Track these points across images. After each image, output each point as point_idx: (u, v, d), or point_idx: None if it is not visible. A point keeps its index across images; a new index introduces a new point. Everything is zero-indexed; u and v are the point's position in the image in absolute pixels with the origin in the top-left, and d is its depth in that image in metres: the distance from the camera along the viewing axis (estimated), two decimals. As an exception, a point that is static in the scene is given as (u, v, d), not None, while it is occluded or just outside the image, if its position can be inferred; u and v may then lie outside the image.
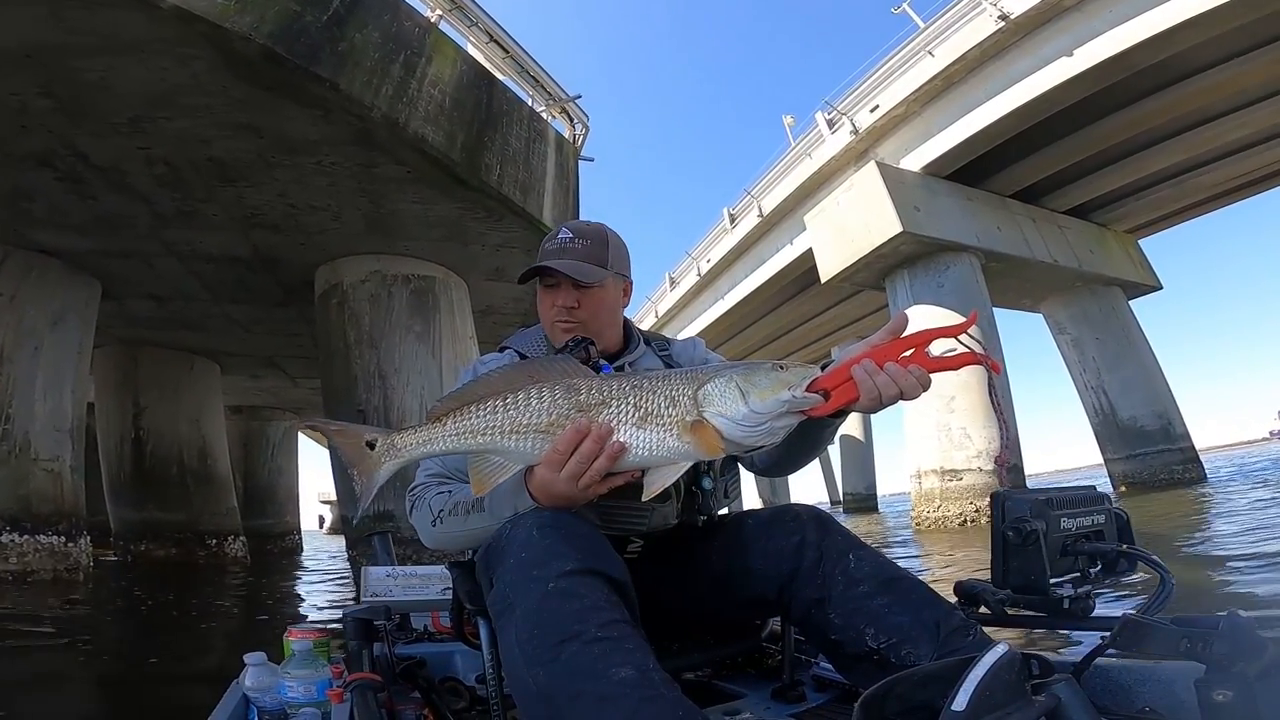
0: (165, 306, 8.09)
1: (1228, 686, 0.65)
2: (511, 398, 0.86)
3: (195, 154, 5.16)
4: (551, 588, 0.78)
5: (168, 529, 9.17)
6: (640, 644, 0.76)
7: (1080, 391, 14.30)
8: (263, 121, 4.85)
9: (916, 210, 11.00)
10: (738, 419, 0.79)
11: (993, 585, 0.91)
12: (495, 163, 5.96)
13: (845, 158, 12.67)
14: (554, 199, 6.81)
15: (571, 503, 0.88)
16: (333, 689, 1.11)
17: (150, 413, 9.27)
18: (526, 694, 0.76)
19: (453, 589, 1.09)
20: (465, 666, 1.43)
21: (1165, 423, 13.22)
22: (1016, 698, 0.64)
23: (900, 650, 0.87)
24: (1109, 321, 14.06)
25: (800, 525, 1.03)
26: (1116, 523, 0.93)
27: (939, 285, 11.24)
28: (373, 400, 6.34)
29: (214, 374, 10.33)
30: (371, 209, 6.02)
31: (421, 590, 1.55)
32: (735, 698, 1.14)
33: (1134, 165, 12.59)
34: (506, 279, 7.58)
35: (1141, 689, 0.84)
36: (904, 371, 0.81)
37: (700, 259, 18.09)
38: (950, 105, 10.96)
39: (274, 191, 5.69)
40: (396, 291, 6.65)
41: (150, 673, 3.18)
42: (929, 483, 10.97)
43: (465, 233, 6.49)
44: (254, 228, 6.25)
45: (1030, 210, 13.18)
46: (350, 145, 5.16)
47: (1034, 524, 0.84)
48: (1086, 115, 10.60)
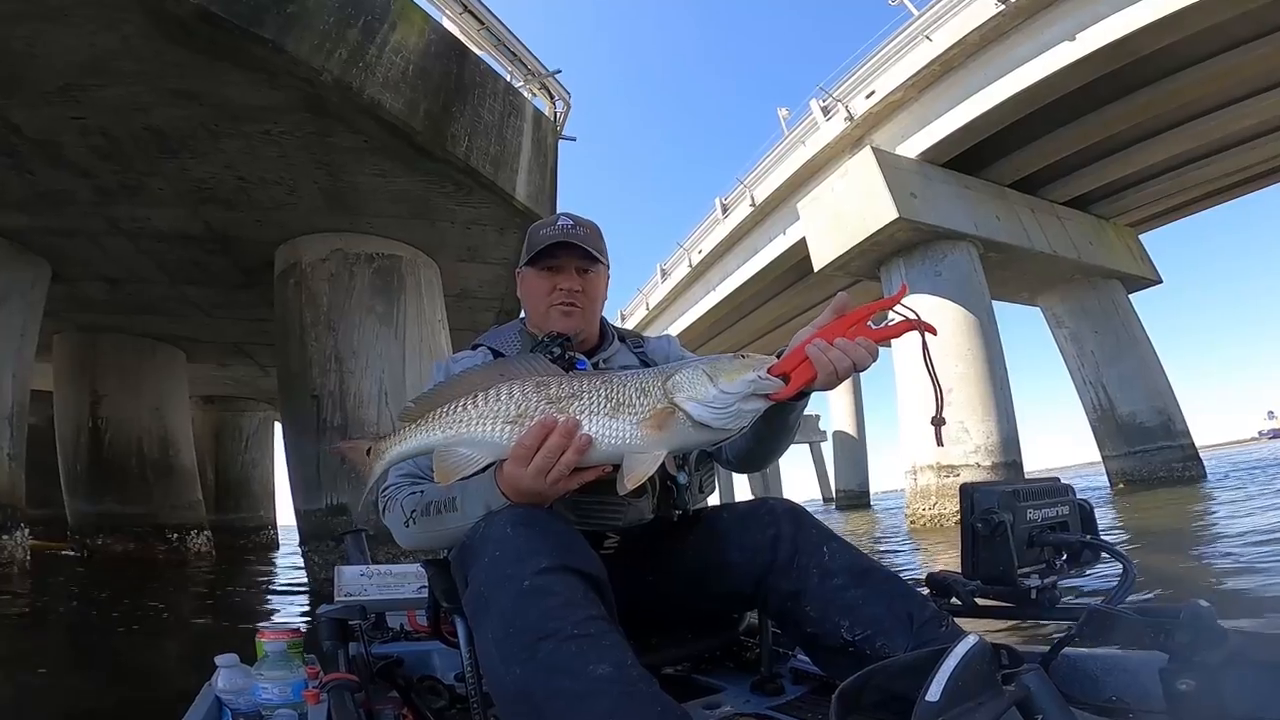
0: (120, 289, 7.66)
1: (1190, 675, 0.66)
2: (481, 394, 0.87)
3: (132, 124, 4.82)
4: (526, 585, 0.78)
5: (126, 523, 8.71)
6: (617, 640, 0.76)
7: (1078, 387, 13.99)
8: (202, 87, 4.52)
9: (913, 197, 10.67)
10: (707, 400, 0.80)
11: (963, 576, 0.92)
12: (463, 134, 5.62)
13: (840, 145, 12.38)
14: (530, 175, 6.47)
15: (541, 498, 0.87)
16: (309, 690, 1.09)
17: (109, 401, 8.82)
18: (504, 693, 0.76)
19: (429, 587, 1.08)
20: (443, 665, 1.42)
21: (1165, 419, 12.92)
22: (988, 688, 0.65)
23: (875, 642, 0.88)
24: (1108, 315, 13.76)
25: (775, 519, 1.03)
26: (1080, 514, 0.94)
27: (936, 274, 10.91)
28: (328, 385, 5.94)
29: (178, 362, 9.87)
30: (329, 182, 5.66)
31: (397, 589, 1.53)
32: (714, 691, 1.14)
33: (1135, 156, 12.30)
34: (481, 260, 7.23)
35: (1108, 678, 0.85)
36: (853, 344, 0.84)
37: (692, 250, 17.77)
38: (948, 91, 10.71)
39: (221, 163, 5.34)
40: (359, 271, 6.26)
41: (39, 685, 2.79)
42: (925, 479, 10.66)
43: (432, 209, 6.13)
44: (204, 203, 5.88)
45: (1029, 200, 12.90)
46: (301, 112, 4.82)
47: (1002, 516, 0.85)
48: (1088, 103, 10.41)
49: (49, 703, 2.54)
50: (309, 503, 5.87)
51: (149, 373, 9.27)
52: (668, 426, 0.81)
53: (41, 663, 3.20)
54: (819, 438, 45.68)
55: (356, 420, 5.87)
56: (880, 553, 7.75)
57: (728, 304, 17.07)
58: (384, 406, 5.93)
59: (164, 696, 2.31)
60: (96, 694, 2.67)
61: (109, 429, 8.79)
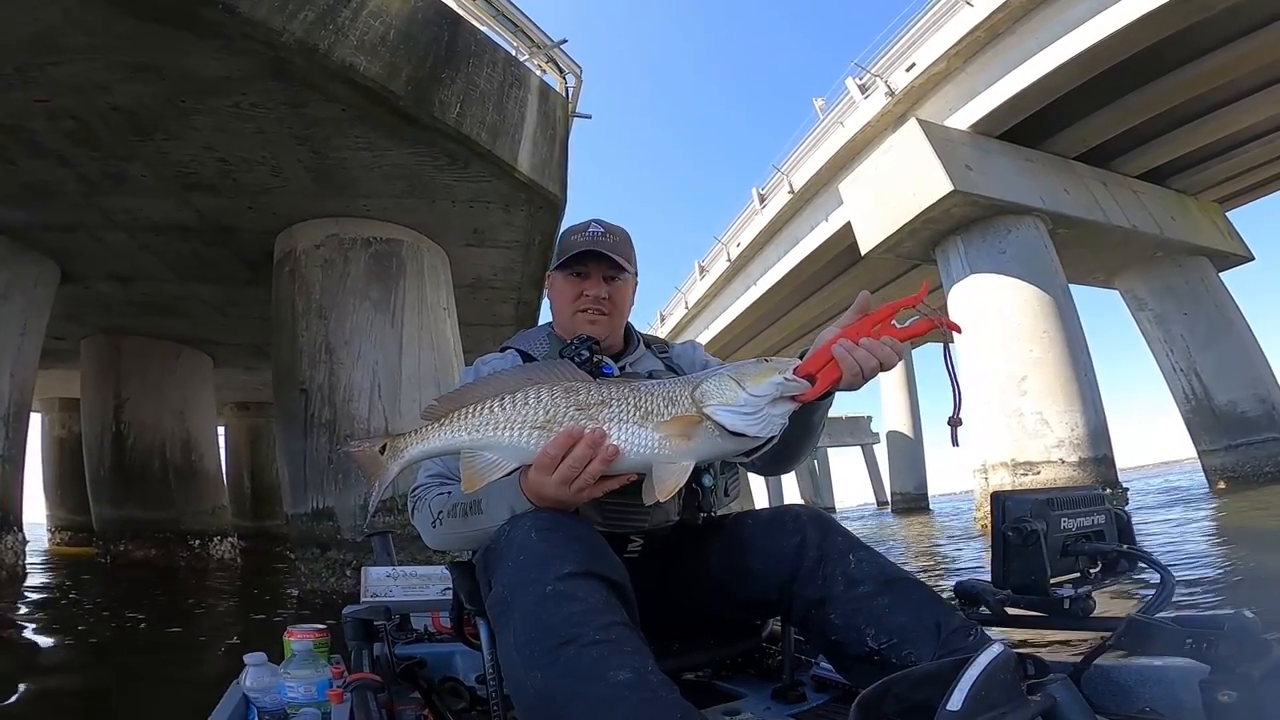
0: (131, 289, 7.59)
1: (1233, 687, 0.65)
2: (509, 397, 0.86)
3: (98, 104, 4.66)
4: (549, 590, 0.79)
5: (148, 528, 8.60)
6: (639, 646, 0.77)
7: (1166, 375, 12.52)
8: (159, 59, 4.30)
9: (968, 169, 9.68)
10: (737, 405, 0.80)
11: (993, 585, 0.91)
12: (453, 100, 5.25)
13: (882, 122, 11.51)
14: (535, 147, 6.03)
15: (564, 506, 0.88)
16: (333, 689, 1.09)
17: (132, 405, 8.81)
18: (525, 697, 0.76)
19: (453, 589, 1.09)
20: (465, 667, 1.42)
21: (1269, 408, 11.34)
22: (1012, 698, 0.64)
23: (901, 651, 0.87)
24: (1198, 295, 12.28)
25: (801, 526, 1.03)
26: (1117, 523, 0.92)
27: (1000, 252, 9.85)
28: (316, 377, 5.54)
29: (205, 366, 9.83)
30: (314, 160, 5.37)
31: (421, 591, 1.55)
32: (736, 698, 1.14)
33: (1216, 123, 11.01)
34: (490, 243, 6.82)
35: (1142, 689, 0.83)
36: (878, 344, 0.84)
37: (730, 244, 17.06)
38: (997, 58, 9.79)
39: (198, 144, 5.14)
40: (354, 256, 5.88)
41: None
42: (998, 477, 9.54)
43: (428, 186, 5.76)
44: (191, 189, 5.70)
45: (1099, 174, 11.60)
46: (267, 80, 4.55)
47: (1034, 524, 0.84)
48: (1159, 65, 9.40)
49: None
50: (295, 505, 5.50)
51: (172, 376, 9.25)
52: (696, 436, 0.81)
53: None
54: (871, 439, 43.65)
55: (345, 415, 5.46)
56: (945, 558, 6.88)
57: (770, 298, 16.32)
58: (376, 400, 5.51)
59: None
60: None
61: (131, 433, 8.78)
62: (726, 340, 18.85)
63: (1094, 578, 0.88)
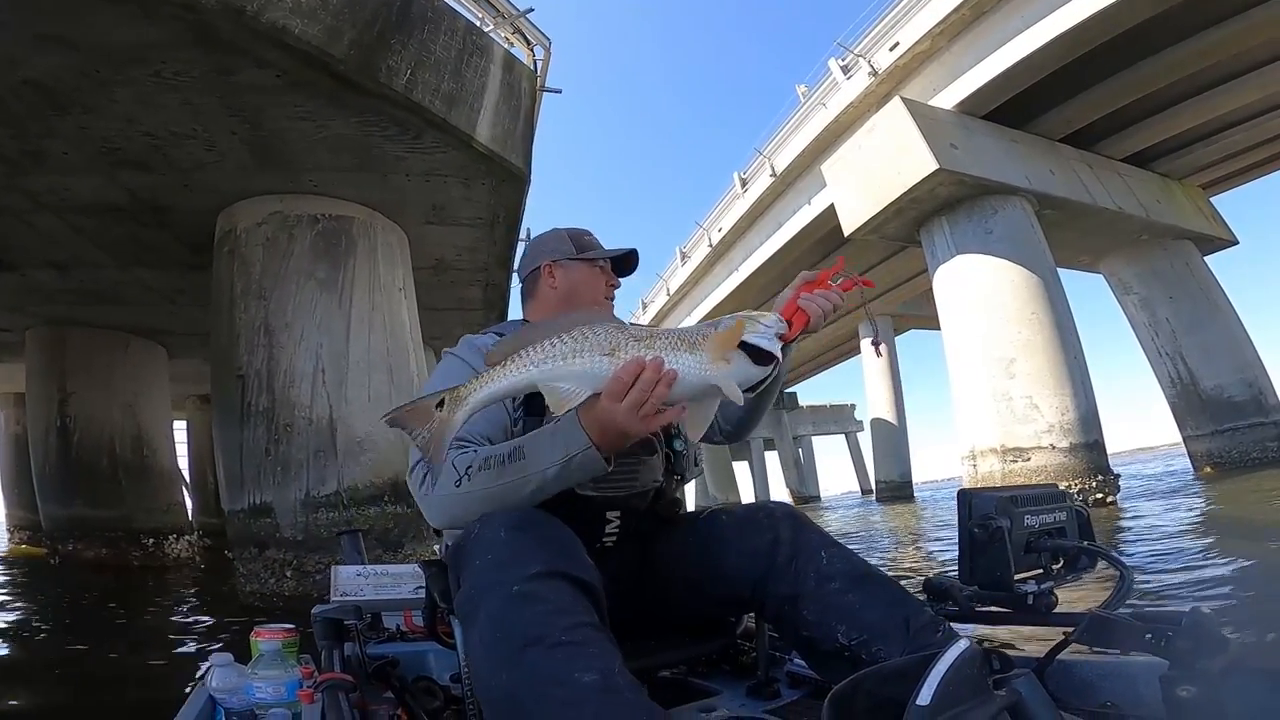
0: (70, 276, 7.12)
1: (1191, 682, 0.66)
2: (568, 335, 0.89)
3: (8, 78, 4.27)
4: (516, 591, 0.78)
5: (97, 527, 8.16)
6: (606, 647, 0.76)
7: (1152, 360, 12.42)
8: (69, 29, 3.94)
9: (953, 148, 9.46)
10: (758, 332, 0.90)
11: (960, 581, 0.93)
12: (403, 66, 4.88)
13: (865, 103, 11.27)
14: (497, 117, 5.69)
15: (627, 438, 0.88)
16: (303, 689, 1.07)
17: (77, 399, 8.32)
18: (491, 698, 0.76)
19: (426, 587, 1.08)
20: (439, 666, 1.40)
21: (1256, 392, 11.27)
22: (979, 692, 0.65)
23: (871, 647, 0.89)
24: (1183, 279, 12.20)
25: (774, 523, 1.04)
26: (1078, 520, 0.94)
27: (987, 232, 9.65)
28: (253, 362, 5.16)
29: (158, 357, 9.32)
30: (250, 133, 4.98)
31: (393, 589, 1.52)
32: (711, 694, 1.14)
33: (1201, 106, 11.01)
34: (451, 221, 6.44)
35: (1104, 684, 0.85)
36: (827, 293, 1.00)
37: (711, 229, 16.78)
38: (982, 37, 9.61)
39: (120, 117, 4.73)
40: (299, 234, 5.49)
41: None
42: (987, 464, 9.28)
43: (379, 158, 5.39)
44: (119, 167, 5.27)
45: (1084, 156, 11.61)
46: (189, 48, 4.18)
47: (999, 521, 0.85)
48: (1145, 46, 9.33)
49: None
50: (232, 502, 5.13)
51: (122, 368, 8.76)
52: (733, 359, 0.88)
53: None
54: (855, 427, 43.72)
55: (285, 402, 5.09)
56: (935, 550, 6.62)
57: (753, 283, 16.13)
58: (320, 385, 5.14)
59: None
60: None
61: (77, 428, 8.32)
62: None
63: (1056, 574, 0.89)
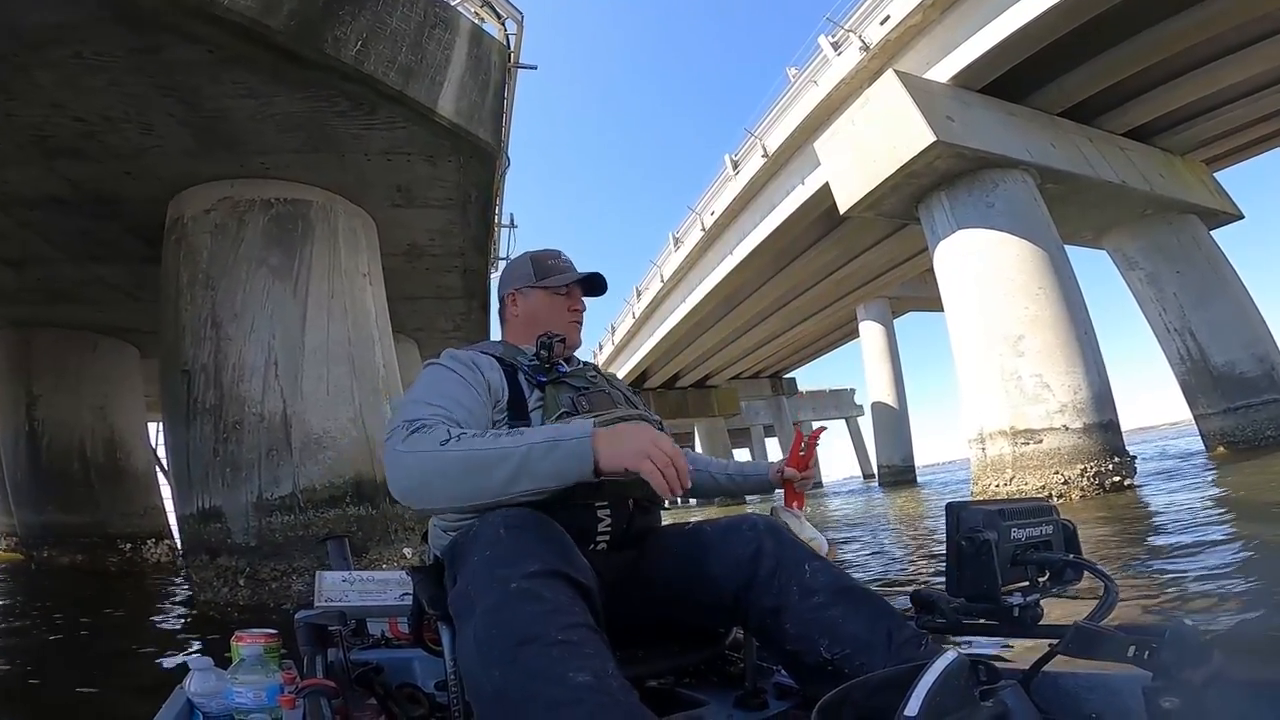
0: (26, 274, 6.80)
1: (1175, 694, 0.66)
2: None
3: None
4: (514, 588, 0.78)
5: (71, 532, 7.93)
6: (600, 649, 0.76)
7: (1160, 336, 12.00)
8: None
9: (950, 120, 9.06)
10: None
11: (948, 594, 0.93)
12: (352, 37, 4.56)
13: (857, 79, 10.86)
14: (463, 90, 5.38)
15: (626, 449, 0.89)
16: (284, 695, 1.06)
17: (45, 402, 8.05)
18: (482, 694, 0.75)
19: (413, 593, 1.10)
20: (424, 673, 1.40)
21: (1269, 368, 10.86)
22: (966, 703, 0.65)
23: (854, 661, 0.89)
24: (1190, 253, 11.80)
25: (757, 534, 1.05)
26: (1064, 533, 0.95)
27: (988, 205, 9.26)
28: (200, 356, 4.84)
29: (129, 357, 8.99)
30: (189, 114, 4.63)
31: (378, 596, 1.51)
32: (698, 705, 1.15)
33: (1203, 79, 10.61)
34: (420, 203, 6.12)
35: (1089, 696, 0.86)
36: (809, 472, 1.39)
37: (704, 212, 16.36)
38: (976, 8, 9.18)
39: (45, 102, 4.43)
40: (251, 220, 5.17)
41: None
42: (996, 447, 8.80)
43: (333, 137, 5.04)
44: (53, 156, 4.96)
45: (1084, 130, 11.15)
46: (111, 26, 3.89)
47: (987, 534, 0.85)
48: (1145, 17, 8.98)
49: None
50: (182, 506, 4.85)
51: (90, 370, 8.47)
52: None
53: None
54: (856, 412, 43.40)
55: (234, 398, 4.77)
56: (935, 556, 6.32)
57: (748, 266, 15.83)
58: (272, 379, 4.83)
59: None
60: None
61: (46, 432, 8.06)
62: (709, 309, 18.43)
63: (1042, 586, 0.89)
